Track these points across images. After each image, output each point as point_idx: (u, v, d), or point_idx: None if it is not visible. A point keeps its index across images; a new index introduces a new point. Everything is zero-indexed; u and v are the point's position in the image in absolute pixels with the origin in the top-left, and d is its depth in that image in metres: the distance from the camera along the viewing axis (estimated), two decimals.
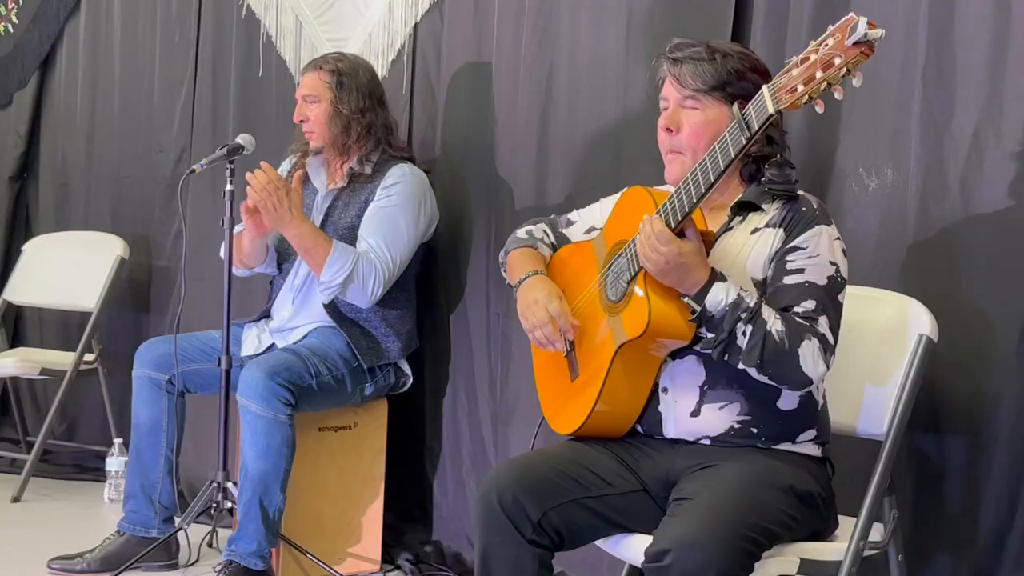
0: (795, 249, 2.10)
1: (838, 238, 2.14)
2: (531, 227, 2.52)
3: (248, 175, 3.11)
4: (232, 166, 3.19)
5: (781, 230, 2.13)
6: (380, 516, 3.41)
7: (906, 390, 2.22)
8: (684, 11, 2.92)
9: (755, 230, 2.16)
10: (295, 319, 3.34)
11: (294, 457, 3.11)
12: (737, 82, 2.16)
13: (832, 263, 2.11)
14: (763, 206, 2.17)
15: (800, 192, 2.17)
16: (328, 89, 3.29)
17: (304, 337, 3.31)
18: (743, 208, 2.18)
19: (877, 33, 1.78)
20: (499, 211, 3.38)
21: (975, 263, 2.40)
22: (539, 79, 3.26)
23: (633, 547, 2.12)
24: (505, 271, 2.50)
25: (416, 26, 3.62)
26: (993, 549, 2.37)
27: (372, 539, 3.40)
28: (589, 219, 2.47)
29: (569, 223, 2.51)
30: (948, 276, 2.44)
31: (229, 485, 3.17)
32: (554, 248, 2.49)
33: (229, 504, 3.17)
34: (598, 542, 2.22)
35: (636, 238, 2.11)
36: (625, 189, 2.35)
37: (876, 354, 2.32)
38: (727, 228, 2.18)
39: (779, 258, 2.12)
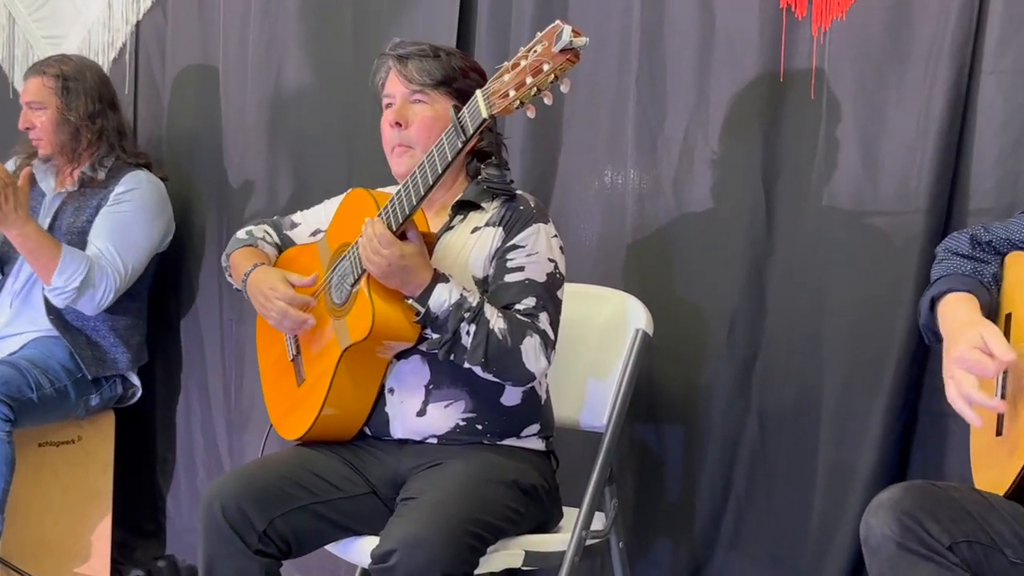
0: (515, 247, 2.14)
1: (555, 236, 2.20)
2: (252, 228, 2.48)
3: None
4: None
5: (500, 228, 2.16)
6: (109, 532, 3.29)
7: (624, 383, 2.30)
8: (410, 10, 2.94)
9: (475, 229, 2.19)
10: (12, 326, 3.18)
11: (13, 475, 2.94)
12: (462, 79, 2.20)
13: (551, 260, 2.16)
14: (483, 205, 2.20)
15: (518, 192, 2.22)
16: (54, 95, 3.14)
17: (22, 347, 3.15)
18: (464, 207, 2.21)
19: (582, 41, 1.82)
20: (230, 215, 3.30)
21: (687, 259, 2.52)
22: (267, 80, 3.20)
23: (362, 550, 2.11)
24: (229, 274, 2.44)
25: (138, 24, 3.52)
26: (709, 532, 2.49)
27: (100, 557, 3.28)
28: (314, 221, 2.45)
29: (293, 225, 2.48)
30: (663, 272, 2.54)
31: None
32: (278, 248, 2.45)
33: None
34: (328, 546, 2.20)
35: (359, 241, 2.10)
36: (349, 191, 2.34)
37: (598, 349, 2.39)
38: (448, 227, 2.20)
39: (499, 256, 2.15)
